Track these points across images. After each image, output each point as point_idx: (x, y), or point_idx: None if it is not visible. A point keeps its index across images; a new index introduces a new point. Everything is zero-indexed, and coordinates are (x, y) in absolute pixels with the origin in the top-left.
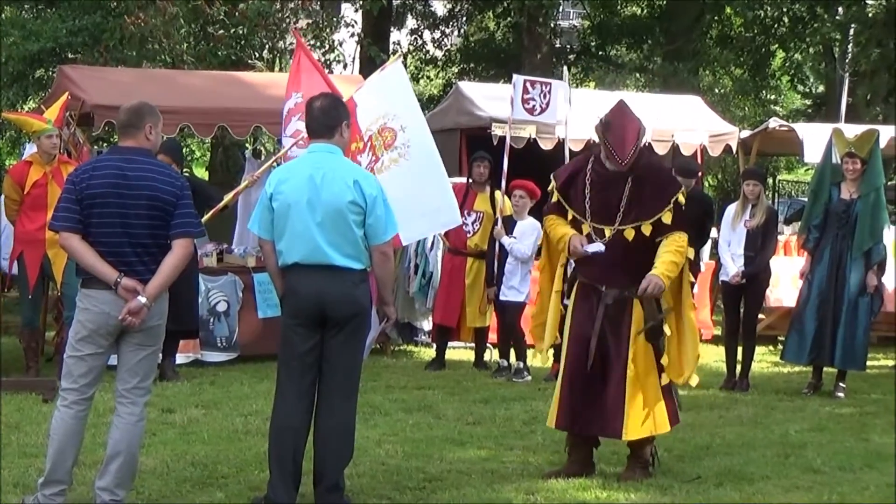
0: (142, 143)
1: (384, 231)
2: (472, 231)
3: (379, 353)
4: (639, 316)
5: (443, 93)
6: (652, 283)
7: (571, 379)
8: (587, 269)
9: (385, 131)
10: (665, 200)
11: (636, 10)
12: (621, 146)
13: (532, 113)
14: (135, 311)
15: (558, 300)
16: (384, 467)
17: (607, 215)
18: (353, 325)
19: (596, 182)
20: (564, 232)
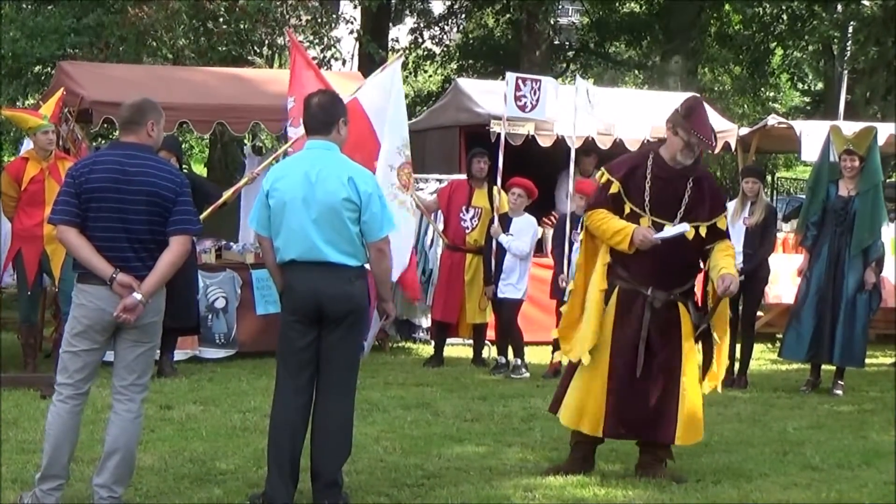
0: (143, 139)
1: (380, 228)
2: (470, 227)
3: (378, 350)
4: (686, 319)
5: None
6: (729, 279)
7: (619, 386)
8: (632, 271)
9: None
10: (721, 206)
11: (635, 8)
12: (706, 131)
13: (524, 110)
14: (130, 308)
15: (602, 299)
16: (382, 464)
17: (668, 211)
18: (350, 322)
19: (658, 178)
20: (622, 225)
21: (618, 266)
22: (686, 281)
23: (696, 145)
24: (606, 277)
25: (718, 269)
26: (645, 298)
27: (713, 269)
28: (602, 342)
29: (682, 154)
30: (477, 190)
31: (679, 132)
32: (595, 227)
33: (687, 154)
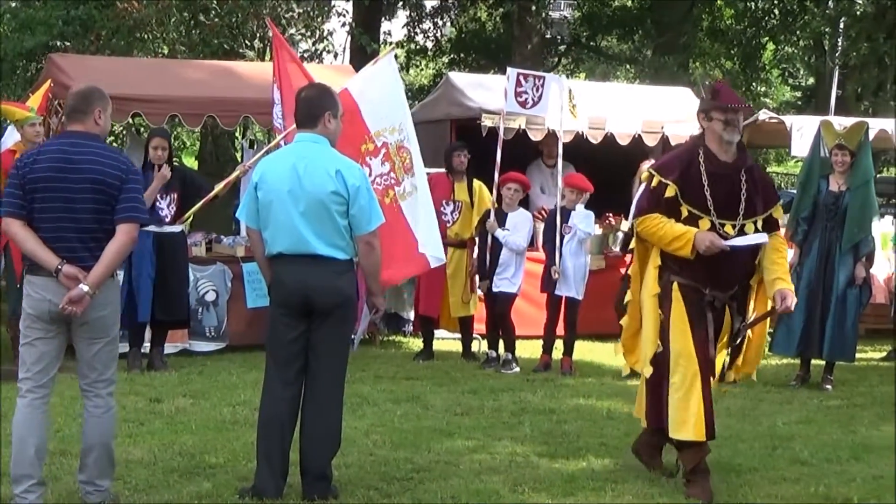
0: (90, 127)
1: (368, 221)
2: (451, 220)
3: (367, 344)
4: (728, 319)
5: (433, 83)
6: (791, 299)
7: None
8: (687, 271)
9: (403, 151)
10: (775, 195)
11: (626, 2)
12: (739, 99)
13: (524, 106)
14: (76, 300)
15: (657, 304)
16: (372, 458)
17: (730, 210)
18: (339, 315)
19: (714, 175)
20: (682, 230)
21: (672, 263)
22: (739, 282)
23: (736, 117)
24: (660, 277)
25: (774, 278)
26: (704, 297)
27: (767, 271)
28: (684, 343)
29: (728, 132)
30: (457, 184)
31: (714, 115)
32: (651, 233)
33: (732, 132)
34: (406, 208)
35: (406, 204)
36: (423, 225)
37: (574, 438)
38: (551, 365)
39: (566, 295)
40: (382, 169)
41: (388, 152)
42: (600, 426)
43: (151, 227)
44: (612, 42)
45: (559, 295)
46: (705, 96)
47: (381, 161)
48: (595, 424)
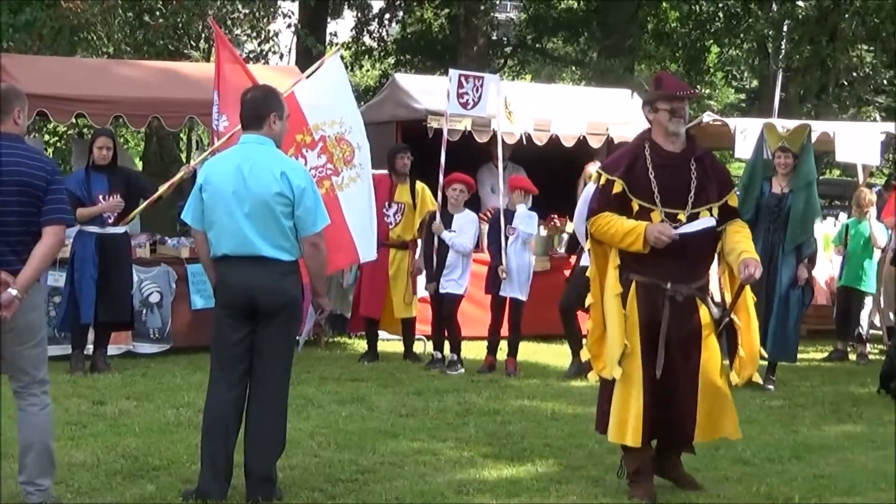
0: (10, 127)
1: (314, 223)
2: (393, 222)
3: (313, 345)
4: (705, 312)
5: (379, 84)
6: (754, 265)
7: (651, 392)
8: (648, 266)
9: (343, 143)
10: (730, 182)
11: (572, 4)
12: (682, 85)
13: (465, 107)
14: (6, 305)
15: (620, 304)
16: (317, 459)
17: (678, 199)
18: (284, 317)
19: (660, 166)
20: (632, 224)
21: (632, 261)
22: (704, 273)
23: (681, 106)
24: (620, 276)
25: (738, 253)
26: (664, 293)
27: (730, 253)
28: (632, 346)
29: (674, 123)
30: (399, 185)
31: (659, 105)
32: (602, 232)
33: (677, 122)
34: (343, 199)
35: (343, 195)
36: (359, 219)
37: (518, 439)
38: (496, 366)
39: (510, 296)
40: (319, 161)
41: (325, 145)
42: (544, 427)
43: (94, 228)
44: (557, 44)
45: (504, 296)
46: (648, 88)
47: (317, 153)
48: (539, 425)
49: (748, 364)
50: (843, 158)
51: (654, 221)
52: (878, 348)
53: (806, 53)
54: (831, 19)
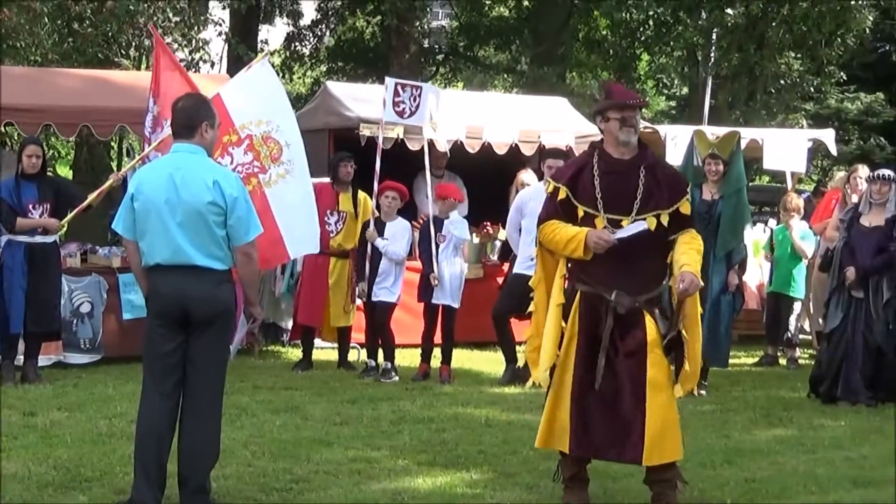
0: None
1: (246, 232)
2: (335, 231)
3: (246, 354)
4: (652, 326)
5: (311, 91)
6: (689, 279)
7: (580, 400)
8: (593, 276)
9: (270, 141)
10: (681, 190)
11: (504, 12)
12: (632, 94)
13: (402, 116)
14: None
15: (560, 314)
16: (251, 469)
17: (623, 206)
18: (217, 326)
19: (606, 173)
20: (574, 231)
21: (578, 271)
22: (653, 286)
23: (633, 115)
24: (566, 283)
25: (679, 266)
26: (608, 304)
27: (675, 264)
28: (567, 354)
29: (625, 132)
30: (342, 194)
31: (610, 115)
32: (548, 240)
33: (628, 131)
34: (271, 196)
35: (271, 192)
36: (289, 216)
37: (453, 447)
38: (430, 373)
39: (443, 303)
40: (245, 158)
41: (251, 143)
42: (478, 434)
43: (24, 238)
44: (489, 52)
45: (436, 303)
46: (598, 97)
47: (243, 151)
48: (473, 432)
49: (692, 376)
50: (771, 165)
51: (598, 227)
52: (808, 353)
53: (734, 61)
54: (759, 27)
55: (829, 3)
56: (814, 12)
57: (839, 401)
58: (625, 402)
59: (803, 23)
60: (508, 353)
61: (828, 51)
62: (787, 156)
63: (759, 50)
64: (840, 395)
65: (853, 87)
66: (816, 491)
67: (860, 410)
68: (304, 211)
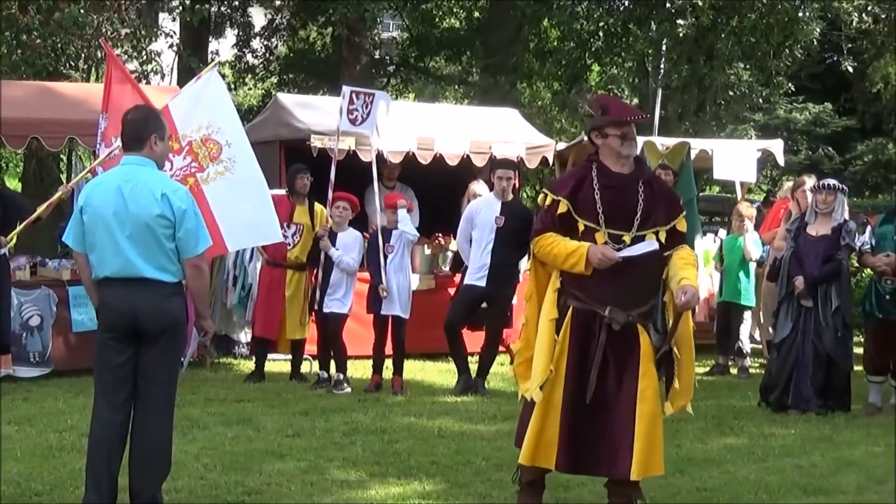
0: None
1: (195, 244)
2: (291, 243)
3: (198, 366)
4: (645, 339)
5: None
6: (691, 293)
7: (573, 417)
8: (588, 291)
9: (209, 142)
10: (678, 206)
11: (455, 23)
12: (632, 110)
13: (354, 123)
14: None
15: (553, 329)
16: (203, 481)
17: (624, 221)
18: (168, 339)
19: (606, 187)
20: (575, 245)
21: (571, 286)
22: (647, 299)
23: (631, 130)
24: (559, 298)
25: (678, 280)
26: (602, 320)
27: (672, 279)
28: (557, 370)
29: (626, 147)
30: (298, 206)
31: (609, 131)
32: (545, 253)
33: (629, 145)
34: (209, 192)
35: (209, 188)
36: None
37: (405, 457)
38: (382, 384)
39: (392, 314)
40: (183, 162)
41: (190, 148)
42: (431, 445)
43: None
44: (440, 63)
45: (385, 314)
46: (595, 112)
47: (182, 157)
48: (426, 443)
49: (684, 394)
50: (721, 176)
51: (598, 243)
52: (759, 362)
53: (684, 72)
54: (708, 39)
55: (778, 15)
56: (762, 24)
57: (790, 409)
58: (616, 417)
59: (752, 34)
60: (460, 364)
61: (776, 62)
62: (737, 166)
63: (709, 61)
64: (791, 403)
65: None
66: (767, 499)
67: (810, 419)
68: (251, 204)
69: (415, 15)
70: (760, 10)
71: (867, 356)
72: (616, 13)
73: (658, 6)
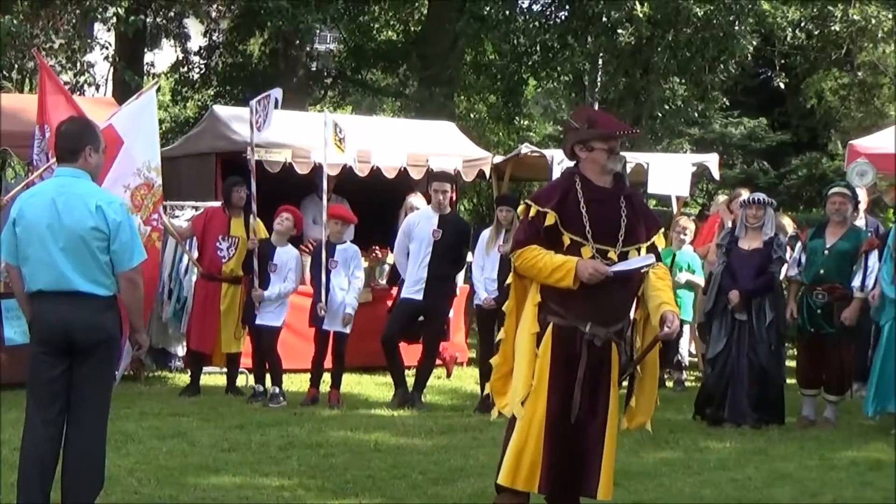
0: None
1: (130, 257)
2: (227, 256)
3: (133, 380)
4: (615, 359)
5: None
6: (676, 323)
7: (554, 434)
8: (569, 306)
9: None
10: (657, 222)
11: (392, 35)
12: (620, 124)
13: (260, 130)
14: None
15: (534, 343)
16: (137, 496)
17: (610, 235)
18: (101, 353)
19: (592, 201)
20: (562, 259)
21: (552, 302)
22: (624, 315)
23: (616, 144)
24: (539, 313)
25: (658, 303)
26: (582, 336)
27: (650, 300)
28: (538, 388)
29: (612, 161)
30: (234, 219)
31: (595, 144)
32: (529, 266)
33: (615, 160)
34: None
35: None
36: None
37: (341, 472)
38: (318, 398)
39: (334, 329)
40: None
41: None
42: (367, 459)
43: None
44: (378, 75)
45: (327, 329)
46: (579, 126)
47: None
48: (362, 457)
49: (644, 411)
50: (656, 190)
51: (585, 257)
52: (694, 375)
53: (621, 86)
54: (645, 53)
55: (713, 30)
56: (697, 39)
57: (725, 423)
58: (591, 435)
59: (687, 49)
60: (397, 378)
61: (711, 76)
62: (671, 180)
63: (645, 75)
64: (726, 416)
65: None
66: None
67: (745, 432)
68: None
69: (352, 27)
70: (696, 24)
71: (800, 369)
72: (552, 28)
73: (595, 19)
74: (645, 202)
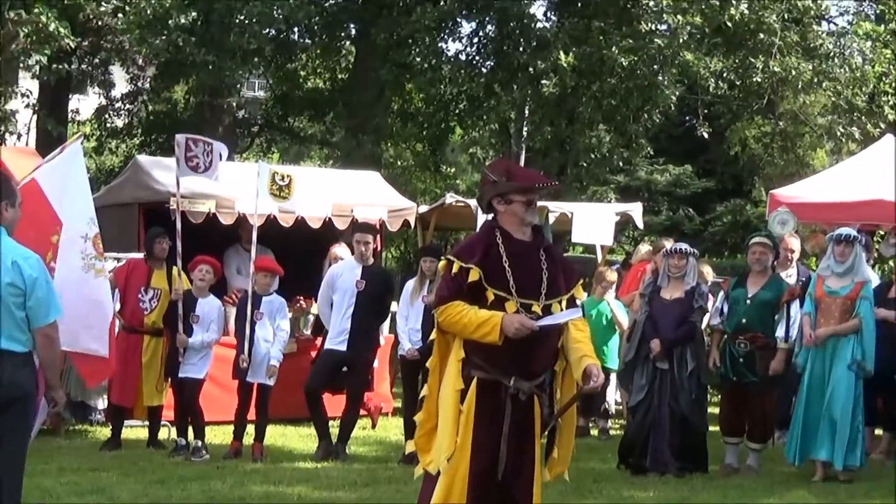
0: None
1: (46, 314)
2: (149, 308)
3: (51, 434)
4: (538, 412)
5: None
6: (597, 375)
7: (478, 489)
8: (493, 360)
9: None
10: (575, 275)
11: (319, 83)
12: (539, 177)
13: (196, 170)
14: None
15: (458, 399)
16: None
17: (533, 290)
18: (16, 409)
19: (514, 255)
20: (487, 315)
21: (475, 356)
22: (546, 367)
23: (535, 197)
24: (463, 368)
25: (579, 356)
26: (506, 390)
27: (571, 352)
28: (463, 444)
29: (530, 214)
30: (156, 271)
31: (513, 197)
32: (453, 322)
33: (532, 213)
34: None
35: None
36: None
37: None
38: (242, 451)
39: (258, 381)
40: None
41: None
42: None
43: None
44: (304, 123)
45: (251, 381)
46: (497, 179)
47: None
48: None
49: (563, 461)
50: (579, 239)
51: (509, 311)
52: (619, 423)
53: (546, 135)
54: (570, 102)
55: (637, 80)
56: (622, 88)
57: (648, 472)
58: (519, 488)
59: (612, 98)
60: (321, 429)
61: (636, 126)
62: (595, 229)
63: (570, 124)
64: (649, 465)
65: (662, 160)
66: None
67: (668, 481)
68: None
69: (279, 75)
70: (620, 74)
71: (722, 418)
72: (478, 76)
73: (521, 69)
74: (569, 250)
